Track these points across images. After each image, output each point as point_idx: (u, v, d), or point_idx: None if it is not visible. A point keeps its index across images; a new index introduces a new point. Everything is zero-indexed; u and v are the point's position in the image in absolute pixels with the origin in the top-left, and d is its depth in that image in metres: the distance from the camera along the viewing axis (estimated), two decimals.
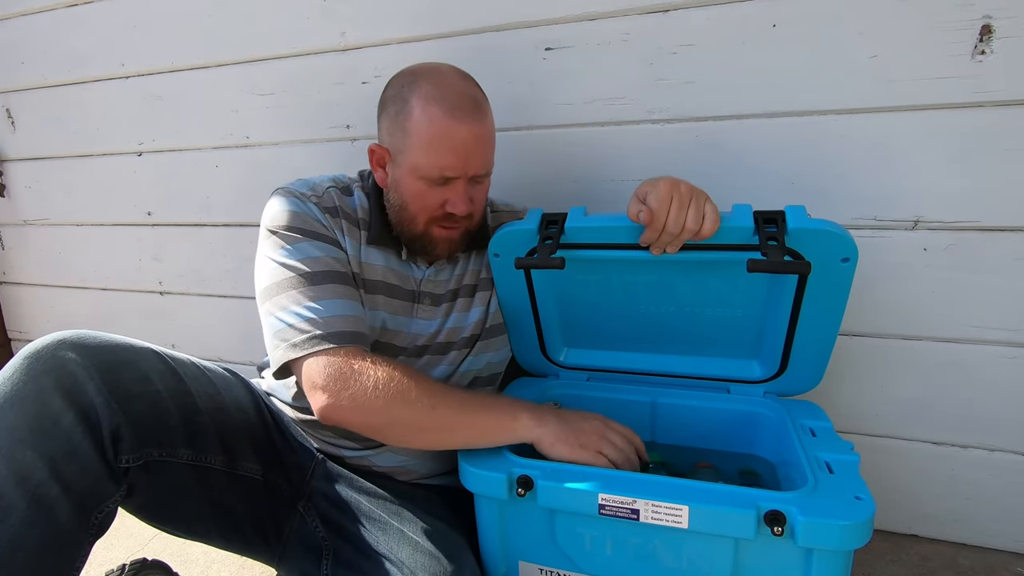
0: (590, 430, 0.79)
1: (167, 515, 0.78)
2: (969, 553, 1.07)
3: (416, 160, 0.81)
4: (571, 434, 0.78)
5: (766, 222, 0.75)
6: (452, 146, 0.80)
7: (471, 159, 0.82)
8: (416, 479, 0.94)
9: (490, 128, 0.86)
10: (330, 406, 0.74)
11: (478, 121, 0.82)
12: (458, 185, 0.83)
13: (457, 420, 0.78)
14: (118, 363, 0.69)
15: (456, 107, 0.80)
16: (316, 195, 0.86)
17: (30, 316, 1.84)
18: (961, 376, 1.02)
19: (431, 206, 0.84)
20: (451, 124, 0.80)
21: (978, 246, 0.96)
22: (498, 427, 0.79)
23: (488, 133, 0.85)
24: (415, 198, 0.84)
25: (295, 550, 0.84)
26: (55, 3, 1.47)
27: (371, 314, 0.88)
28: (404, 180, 0.84)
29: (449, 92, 0.81)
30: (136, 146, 1.51)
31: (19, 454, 0.61)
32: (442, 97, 0.80)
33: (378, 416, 0.75)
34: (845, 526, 0.62)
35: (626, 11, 1.03)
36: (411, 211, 0.85)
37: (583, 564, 0.76)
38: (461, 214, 0.84)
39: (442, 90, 0.81)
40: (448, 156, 0.81)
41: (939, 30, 0.89)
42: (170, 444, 0.72)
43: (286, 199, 0.84)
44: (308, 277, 0.79)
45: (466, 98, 0.82)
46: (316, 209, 0.84)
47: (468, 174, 0.83)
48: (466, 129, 0.81)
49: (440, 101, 0.80)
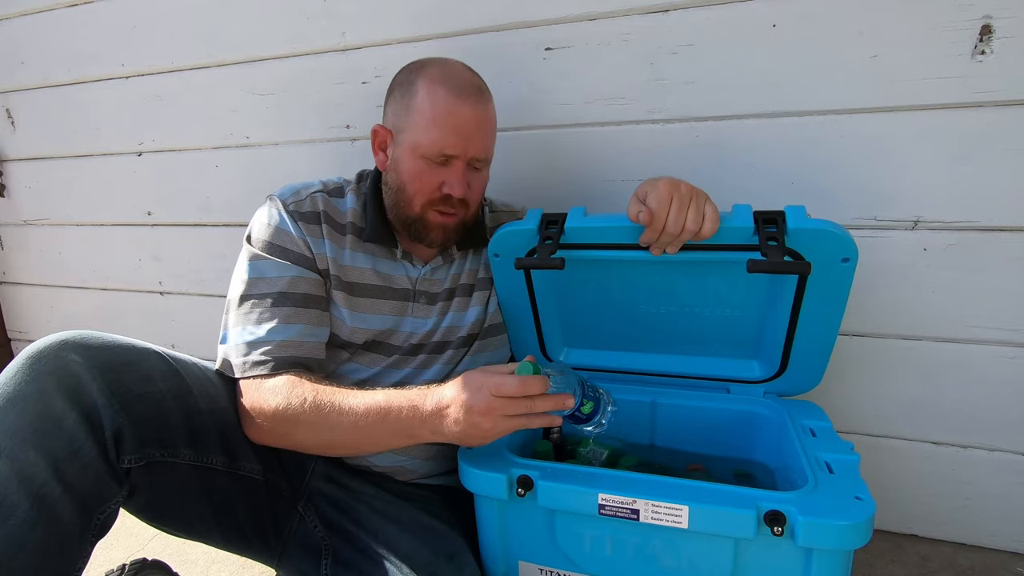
0: (481, 412, 0.70)
1: (168, 515, 0.78)
2: (969, 553, 1.07)
3: (418, 138, 0.83)
4: (471, 430, 0.71)
5: (766, 222, 0.75)
6: (454, 124, 0.82)
7: (472, 140, 0.83)
8: (416, 479, 0.94)
9: (492, 115, 0.88)
10: (249, 429, 0.80)
11: (481, 104, 0.84)
12: (457, 167, 0.84)
13: (358, 438, 0.78)
14: (120, 364, 0.69)
15: (461, 89, 0.83)
16: (297, 202, 0.87)
17: (30, 316, 1.84)
18: (961, 376, 1.02)
19: (429, 187, 0.85)
20: (455, 103, 0.81)
21: (978, 246, 0.96)
22: (399, 440, 0.78)
23: (490, 119, 0.87)
24: (413, 178, 0.85)
25: (294, 550, 0.84)
26: (55, 3, 1.47)
27: (358, 317, 0.88)
28: (404, 159, 0.85)
29: (455, 76, 0.84)
30: (136, 146, 1.51)
31: (22, 454, 0.61)
32: (447, 79, 0.83)
33: (286, 439, 0.80)
34: (845, 526, 0.62)
35: (626, 11, 1.03)
36: (408, 192, 0.85)
37: (583, 564, 0.76)
38: (457, 196, 0.84)
39: (448, 74, 0.84)
40: (449, 134, 0.82)
41: (939, 30, 0.89)
42: (172, 444, 0.72)
43: (266, 211, 0.87)
44: (261, 298, 0.82)
45: (471, 83, 0.85)
46: (291, 223, 0.85)
47: (468, 155, 0.84)
48: (469, 109, 0.82)
49: (445, 82, 0.83)
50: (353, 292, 0.89)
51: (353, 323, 0.88)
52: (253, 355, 0.80)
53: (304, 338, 0.83)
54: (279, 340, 0.81)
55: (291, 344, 0.81)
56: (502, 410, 0.70)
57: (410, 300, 0.93)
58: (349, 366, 0.91)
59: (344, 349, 0.90)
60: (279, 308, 0.82)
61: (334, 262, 0.87)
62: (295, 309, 0.83)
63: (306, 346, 0.83)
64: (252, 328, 0.81)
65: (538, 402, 0.71)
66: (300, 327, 0.83)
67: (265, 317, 0.81)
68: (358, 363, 0.91)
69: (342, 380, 0.90)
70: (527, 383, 0.70)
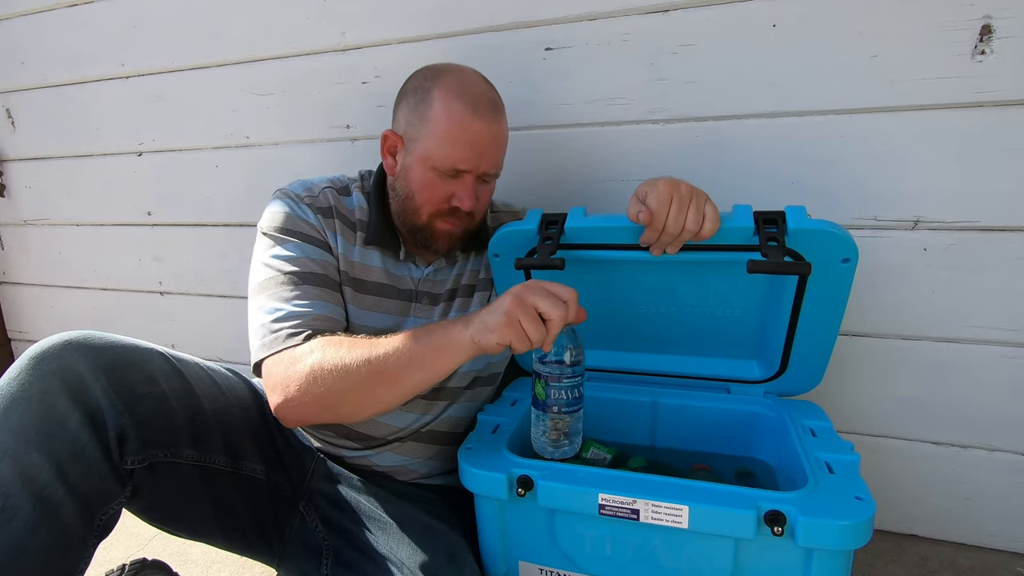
0: (508, 305, 0.71)
1: (171, 516, 0.78)
2: (969, 553, 1.07)
3: (430, 149, 0.82)
4: (487, 317, 0.71)
5: (766, 222, 0.75)
6: (468, 140, 0.81)
7: (484, 156, 0.83)
8: (416, 479, 0.94)
9: (505, 131, 0.88)
10: (282, 404, 0.74)
11: (496, 121, 0.84)
12: (467, 180, 0.84)
13: (398, 366, 0.72)
14: (124, 364, 0.69)
15: (477, 104, 0.82)
16: (311, 196, 0.87)
17: (30, 316, 1.84)
18: (961, 376, 1.02)
19: (438, 198, 0.85)
20: (471, 118, 0.81)
21: (978, 246, 0.96)
22: (439, 353, 0.73)
23: (503, 135, 0.87)
24: (422, 188, 0.84)
25: (295, 550, 0.84)
26: (55, 3, 1.47)
27: (363, 314, 0.88)
28: (414, 168, 0.85)
29: (471, 90, 0.83)
30: (136, 146, 1.51)
31: (25, 455, 0.61)
32: (464, 93, 0.82)
33: (326, 398, 0.73)
34: (845, 526, 0.62)
35: (626, 11, 1.03)
36: (416, 201, 0.85)
37: (583, 564, 0.76)
38: (466, 209, 0.85)
39: (465, 87, 0.83)
40: (463, 149, 0.81)
41: (939, 30, 0.89)
42: (175, 445, 0.72)
43: (279, 201, 0.86)
44: (285, 277, 0.80)
45: (487, 98, 0.84)
46: (309, 211, 0.85)
47: (479, 170, 0.84)
48: (484, 126, 0.82)
49: (462, 96, 0.82)
50: (360, 289, 0.88)
51: (357, 319, 0.88)
52: (285, 328, 0.76)
53: (332, 313, 0.82)
54: (311, 313, 0.79)
55: (321, 318, 0.79)
56: (531, 296, 0.70)
57: (413, 300, 0.93)
58: None
59: None
60: (309, 286, 0.81)
61: (344, 258, 0.87)
62: (319, 288, 0.82)
63: (338, 323, 0.82)
64: (279, 304, 0.78)
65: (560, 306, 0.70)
66: (331, 306, 0.82)
67: (293, 294, 0.79)
68: None
69: None
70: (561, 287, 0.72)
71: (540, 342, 0.71)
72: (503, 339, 0.69)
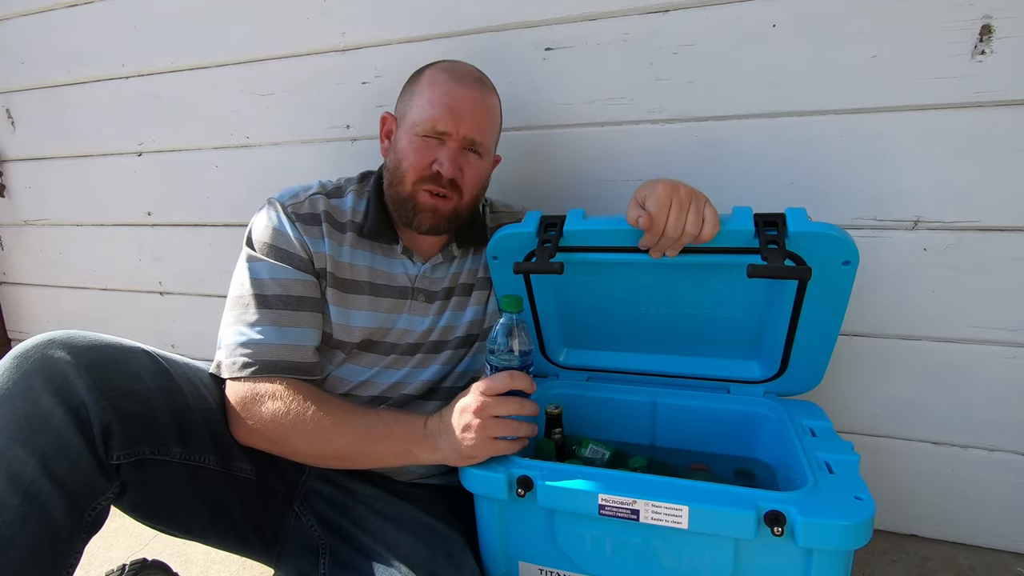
0: (470, 428, 0.74)
1: (162, 514, 0.78)
2: (969, 553, 1.07)
3: (415, 117, 0.86)
4: (459, 445, 0.74)
5: (766, 225, 0.75)
6: (447, 102, 0.85)
7: (464, 118, 0.85)
8: (415, 479, 0.94)
9: (490, 103, 0.90)
10: (238, 430, 0.81)
11: (478, 90, 0.88)
12: (450, 145, 0.85)
13: (355, 452, 0.80)
14: (107, 361, 0.69)
15: (461, 75, 0.88)
16: (296, 203, 0.87)
17: (30, 316, 1.84)
18: (961, 376, 1.02)
19: (421, 163, 0.85)
20: (452, 84, 0.86)
21: (978, 246, 0.96)
22: (395, 459, 0.80)
23: (488, 104, 0.89)
24: (407, 154, 0.86)
25: (292, 550, 0.84)
26: (55, 3, 1.47)
27: (350, 314, 0.89)
28: (402, 139, 0.88)
29: (458, 66, 0.90)
30: (136, 146, 1.51)
31: (10, 451, 0.61)
32: (451, 69, 0.89)
33: (279, 446, 0.81)
34: (845, 526, 0.62)
35: (626, 11, 1.03)
36: (403, 168, 0.87)
37: (583, 564, 0.76)
38: (447, 175, 0.85)
39: (452, 66, 0.90)
40: (442, 110, 0.85)
41: (939, 30, 0.89)
42: (162, 442, 0.72)
43: (264, 213, 0.88)
44: (257, 300, 0.82)
45: (472, 74, 0.89)
46: (288, 224, 0.86)
47: (460, 133, 0.85)
48: (464, 90, 0.86)
49: (448, 71, 0.88)
50: (344, 289, 0.89)
51: (342, 320, 0.88)
52: (242, 356, 0.80)
53: (296, 341, 0.83)
54: (270, 343, 0.81)
55: (282, 348, 0.82)
56: (492, 408, 0.73)
57: (408, 297, 0.93)
58: (347, 367, 0.91)
59: (340, 349, 0.90)
60: (272, 311, 0.82)
61: (331, 259, 0.87)
62: (289, 312, 0.83)
63: (299, 350, 0.83)
64: (243, 329, 0.82)
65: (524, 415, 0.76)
66: (293, 331, 0.83)
67: (257, 319, 0.82)
68: (356, 364, 0.91)
69: (340, 383, 0.90)
70: (514, 377, 0.74)
71: (530, 434, 0.76)
72: (489, 456, 0.75)
